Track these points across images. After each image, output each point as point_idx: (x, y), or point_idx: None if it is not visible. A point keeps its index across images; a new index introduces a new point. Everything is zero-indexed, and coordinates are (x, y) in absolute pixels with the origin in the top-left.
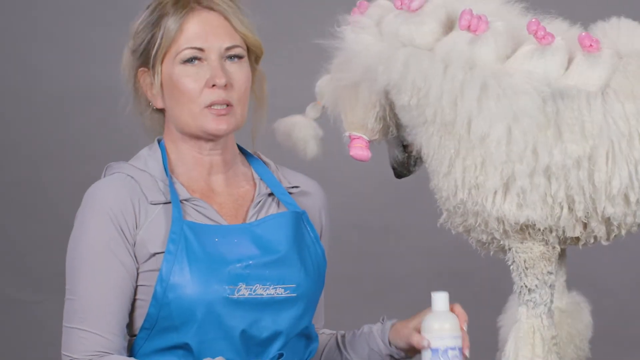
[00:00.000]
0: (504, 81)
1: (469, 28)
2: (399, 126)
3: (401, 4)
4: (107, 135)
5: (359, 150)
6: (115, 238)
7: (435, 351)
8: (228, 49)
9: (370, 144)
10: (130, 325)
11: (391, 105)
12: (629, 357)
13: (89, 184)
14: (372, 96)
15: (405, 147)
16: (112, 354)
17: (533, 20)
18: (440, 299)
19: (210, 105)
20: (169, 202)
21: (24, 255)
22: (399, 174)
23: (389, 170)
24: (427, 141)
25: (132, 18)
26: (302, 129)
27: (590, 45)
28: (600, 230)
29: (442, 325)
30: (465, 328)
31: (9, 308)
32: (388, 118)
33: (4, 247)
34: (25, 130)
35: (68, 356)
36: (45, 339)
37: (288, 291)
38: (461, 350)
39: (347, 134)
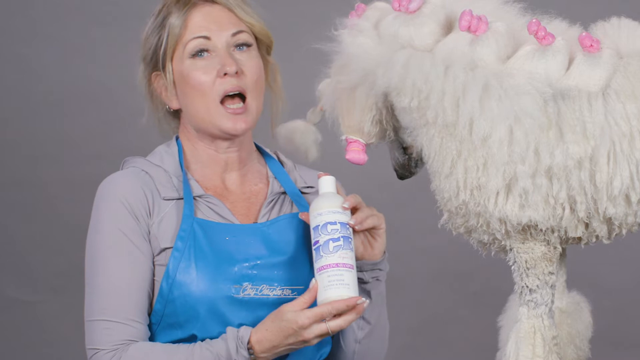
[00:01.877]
0: (506, 82)
1: (469, 29)
2: (396, 129)
3: (399, 6)
4: (107, 135)
5: (355, 154)
6: (130, 225)
7: (315, 228)
8: (234, 34)
9: (368, 146)
10: None
11: (388, 109)
12: (629, 357)
13: (89, 184)
14: (368, 100)
15: (405, 149)
16: (138, 341)
17: (534, 20)
18: (322, 182)
19: (223, 97)
20: (182, 199)
21: (24, 255)
22: (401, 176)
23: (388, 170)
24: (428, 143)
25: (133, 18)
26: (302, 134)
27: (591, 45)
28: (601, 230)
29: (321, 204)
30: (346, 206)
31: (9, 308)
32: (384, 122)
33: (4, 247)
34: (25, 130)
35: (94, 349)
36: (45, 339)
37: (296, 292)
38: (345, 225)
39: (343, 137)
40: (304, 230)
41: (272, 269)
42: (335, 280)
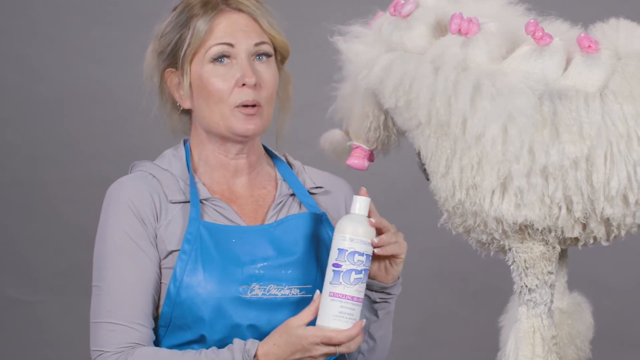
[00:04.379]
0: (499, 81)
1: (459, 31)
2: (400, 134)
3: (394, 11)
4: (107, 135)
5: (355, 159)
6: (137, 229)
7: (340, 250)
8: (257, 44)
9: (376, 151)
10: None
11: (387, 114)
12: (629, 357)
13: (89, 184)
14: (365, 106)
15: (420, 153)
16: (143, 345)
17: (531, 20)
18: (359, 202)
19: (240, 105)
20: (189, 202)
21: (24, 255)
22: (427, 178)
23: (390, 172)
24: (424, 143)
25: (133, 18)
26: (332, 143)
27: (589, 46)
28: (599, 230)
29: (354, 229)
30: (373, 221)
31: (9, 308)
32: (382, 127)
33: (4, 247)
34: (25, 130)
35: (99, 351)
36: (45, 339)
37: (304, 292)
38: (369, 258)
39: (349, 143)
40: (312, 230)
41: (279, 269)
42: (347, 314)
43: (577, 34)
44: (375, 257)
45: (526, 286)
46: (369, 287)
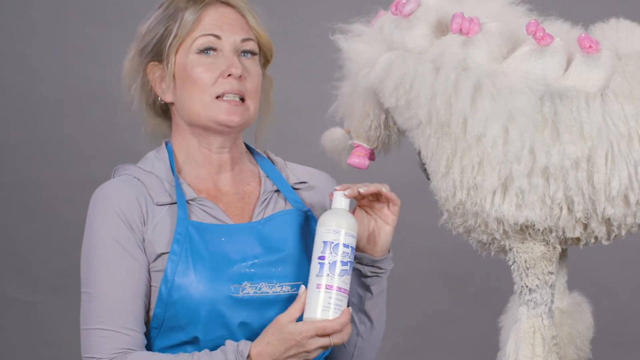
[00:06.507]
0: (499, 81)
1: (460, 31)
2: (401, 134)
3: (395, 10)
4: (107, 135)
5: (356, 158)
6: (125, 234)
7: (325, 243)
8: (244, 40)
9: (377, 150)
10: None
11: (387, 113)
12: (629, 357)
13: (89, 184)
14: (365, 105)
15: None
16: (136, 350)
17: (532, 21)
18: (340, 198)
19: (222, 95)
20: (175, 203)
21: (24, 255)
22: (428, 177)
23: (389, 171)
24: (425, 143)
25: (132, 18)
26: (332, 141)
27: (590, 46)
28: (600, 230)
29: (338, 221)
30: (347, 193)
31: (9, 308)
32: (382, 127)
33: (4, 247)
34: (25, 130)
35: (90, 358)
36: (45, 339)
37: (294, 289)
38: (354, 250)
39: (350, 142)
40: (300, 227)
41: (269, 266)
42: (334, 305)
43: (578, 34)
44: (362, 225)
45: (527, 286)
46: (358, 261)
